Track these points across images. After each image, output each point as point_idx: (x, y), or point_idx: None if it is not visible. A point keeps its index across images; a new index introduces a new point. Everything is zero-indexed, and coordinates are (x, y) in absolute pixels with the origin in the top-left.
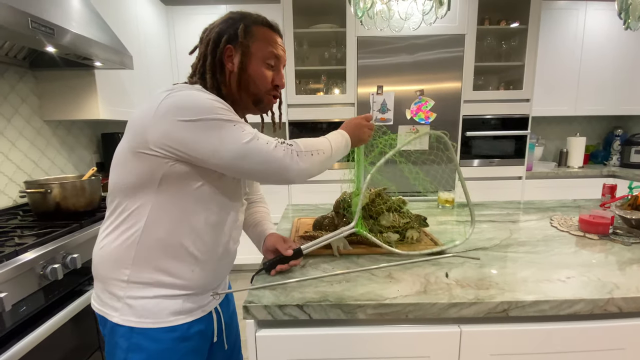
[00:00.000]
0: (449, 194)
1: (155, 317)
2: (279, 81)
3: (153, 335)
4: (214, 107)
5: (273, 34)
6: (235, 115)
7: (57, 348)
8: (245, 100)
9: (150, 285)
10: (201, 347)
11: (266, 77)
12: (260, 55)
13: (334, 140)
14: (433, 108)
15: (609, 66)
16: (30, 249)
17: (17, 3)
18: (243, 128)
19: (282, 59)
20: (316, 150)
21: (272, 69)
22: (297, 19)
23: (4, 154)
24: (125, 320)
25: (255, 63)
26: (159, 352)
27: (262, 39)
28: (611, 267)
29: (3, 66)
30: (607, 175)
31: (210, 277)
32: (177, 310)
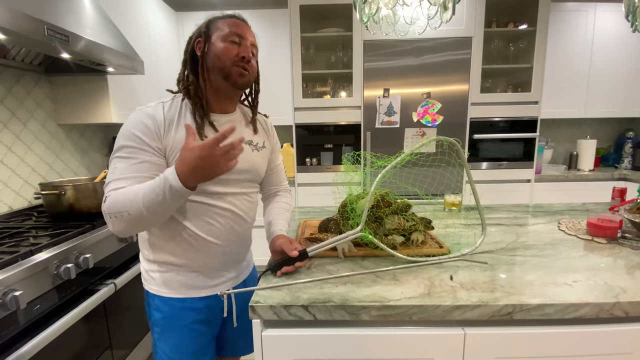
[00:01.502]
0: (455, 197)
1: (168, 288)
2: (244, 52)
3: (166, 301)
4: (122, 137)
5: (236, 21)
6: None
7: (69, 346)
8: (218, 80)
9: (163, 263)
10: (209, 319)
11: (229, 49)
12: (221, 35)
13: (148, 197)
14: (440, 111)
15: (619, 67)
16: (44, 249)
17: (33, 11)
18: (114, 167)
19: (247, 38)
20: (120, 213)
21: (235, 44)
22: (304, 24)
23: (20, 157)
24: (150, 288)
25: (218, 42)
26: (170, 315)
27: (223, 24)
28: (619, 271)
29: (19, 72)
30: (619, 178)
31: (211, 259)
32: (186, 285)
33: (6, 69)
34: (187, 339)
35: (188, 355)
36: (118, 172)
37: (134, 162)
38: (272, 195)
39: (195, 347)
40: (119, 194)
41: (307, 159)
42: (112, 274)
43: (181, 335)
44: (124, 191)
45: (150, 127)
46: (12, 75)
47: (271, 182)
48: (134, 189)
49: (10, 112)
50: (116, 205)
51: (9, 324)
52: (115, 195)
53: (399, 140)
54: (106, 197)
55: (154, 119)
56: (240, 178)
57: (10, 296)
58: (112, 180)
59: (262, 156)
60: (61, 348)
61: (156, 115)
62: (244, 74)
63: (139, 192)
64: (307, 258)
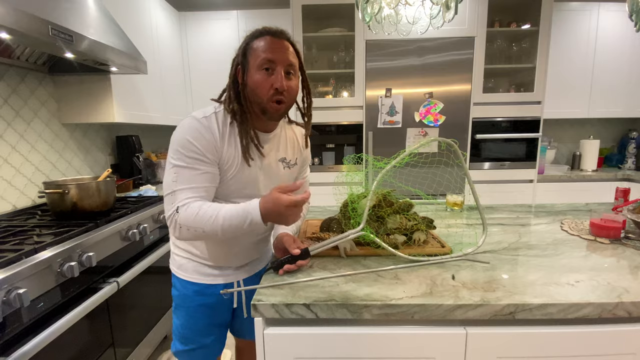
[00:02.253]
0: (457, 197)
1: (185, 271)
2: (278, 84)
3: (182, 282)
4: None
5: (270, 40)
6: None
7: (72, 343)
8: (257, 112)
9: (183, 250)
10: (218, 306)
11: (261, 82)
12: (255, 64)
13: (228, 223)
14: (442, 111)
15: (623, 67)
16: (48, 247)
17: (38, 11)
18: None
19: (279, 60)
20: (194, 228)
21: (268, 72)
22: (306, 24)
23: (24, 156)
24: (172, 267)
25: (252, 73)
26: (182, 294)
27: (257, 49)
28: (622, 271)
29: (23, 71)
30: (622, 178)
31: (223, 256)
32: (200, 272)
33: (10, 69)
34: (193, 318)
35: (192, 332)
36: (185, 181)
37: (198, 173)
38: None
39: (200, 327)
40: (197, 210)
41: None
42: (114, 272)
43: (188, 314)
44: (200, 208)
45: (208, 139)
46: (16, 74)
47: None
48: (212, 209)
49: (14, 111)
50: (194, 221)
51: (13, 322)
52: (191, 210)
53: (401, 140)
54: (178, 206)
55: (211, 132)
56: (264, 193)
57: (15, 294)
58: (179, 190)
59: (290, 173)
60: (64, 345)
61: (212, 127)
62: (279, 108)
63: (220, 215)
64: (309, 257)
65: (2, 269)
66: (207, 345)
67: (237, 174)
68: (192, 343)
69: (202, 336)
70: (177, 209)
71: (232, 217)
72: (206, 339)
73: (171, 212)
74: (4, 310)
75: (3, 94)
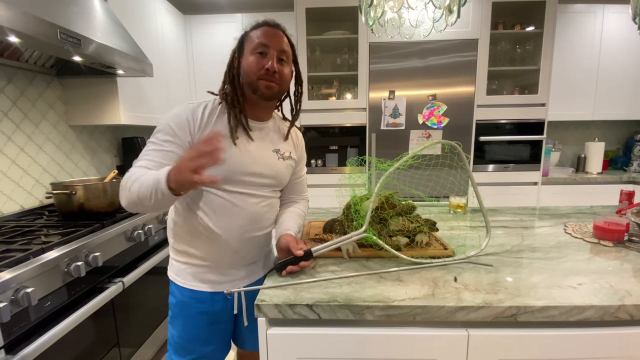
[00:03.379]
0: (460, 199)
1: (183, 278)
2: (269, 64)
3: (180, 289)
4: (160, 125)
5: (265, 28)
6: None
7: (78, 342)
8: (249, 93)
9: (181, 253)
10: (218, 313)
11: (253, 63)
12: (249, 48)
13: (142, 181)
14: (445, 113)
15: (628, 69)
16: (55, 247)
17: (46, 15)
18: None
19: (273, 45)
20: (127, 186)
21: (262, 55)
22: (310, 26)
23: (31, 157)
24: (170, 273)
25: (246, 57)
26: (181, 302)
27: (253, 36)
28: (625, 274)
29: (32, 74)
30: (627, 181)
31: (222, 256)
32: (199, 279)
33: (19, 71)
34: (191, 327)
35: (190, 342)
36: (147, 155)
37: (162, 150)
38: (289, 202)
39: (199, 336)
40: (134, 173)
41: (312, 161)
42: (120, 272)
43: (186, 323)
44: (139, 171)
45: (187, 121)
46: (24, 77)
47: (292, 191)
48: (144, 172)
49: (22, 113)
50: (125, 180)
51: (21, 320)
52: (131, 172)
53: (404, 142)
54: (130, 170)
55: (193, 115)
56: (262, 182)
57: (22, 293)
58: (140, 159)
59: (286, 165)
60: (70, 344)
61: (196, 112)
62: (270, 86)
63: (140, 181)
64: (312, 258)
65: (10, 268)
66: (207, 355)
67: (228, 159)
68: (191, 353)
69: (202, 345)
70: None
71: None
72: (206, 348)
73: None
74: (12, 309)
75: (12, 96)
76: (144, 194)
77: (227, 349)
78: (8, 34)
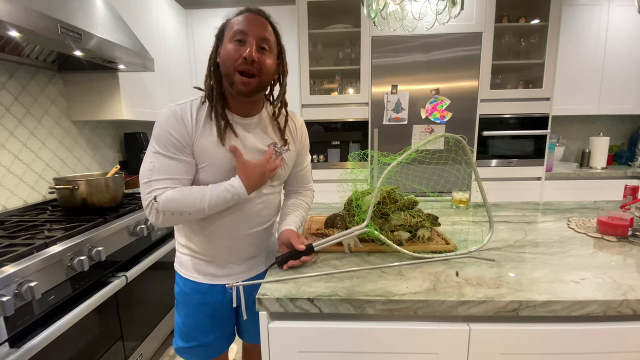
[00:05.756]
0: (463, 194)
1: (185, 269)
2: (247, 53)
3: (183, 279)
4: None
5: (247, 15)
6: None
7: (81, 336)
8: (228, 87)
9: (183, 246)
10: (218, 305)
11: (230, 51)
12: (228, 36)
13: (214, 200)
14: (449, 107)
15: (633, 63)
16: (58, 242)
17: (47, 10)
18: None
19: (252, 33)
20: (179, 211)
21: (240, 43)
22: (311, 20)
23: (34, 152)
24: (176, 265)
25: (225, 45)
26: (183, 292)
27: (233, 23)
28: (628, 269)
29: (34, 69)
30: (632, 176)
31: (218, 251)
32: (200, 271)
33: (21, 67)
34: (193, 316)
35: (193, 330)
36: (160, 170)
37: (173, 163)
38: (294, 193)
39: (200, 325)
40: (179, 194)
41: (314, 156)
42: (123, 266)
43: (188, 311)
44: (182, 193)
45: (183, 127)
46: (26, 72)
47: (296, 183)
48: (196, 192)
49: (25, 108)
50: (177, 205)
51: (25, 314)
52: (172, 195)
53: (407, 137)
54: (156, 195)
55: (183, 121)
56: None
57: (26, 287)
58: (155, 180)
59: (285, 158)
60: (74, 338)
61: (185, 116)
62: (247, 82)
63: (205, 195)
64: (314, 252)
65: (14, 262)
66: (209, 344)
67: (217, 161)
68: (193, 340)
69: (203, 334)
70: (154, 197)
71: (218, 194)
72: (207, 337)
73: (149, 202)
74: (15, 302)
75: (14, 91)
76: (215, 204)
77: (231, 339)
78: (9, 29)
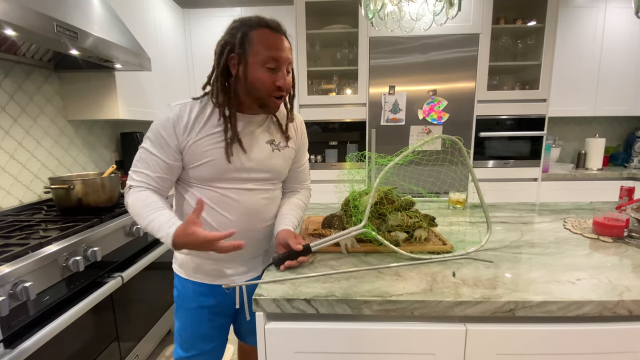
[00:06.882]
0: (460, 195)
1: (185, 269)
2: (281, 82)
3: (182, 281)
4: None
5: (273, 35)
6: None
7: (77, 337)
8: (252, 104)
9: None
10: (218, 308)
11: (266, 81)
12: (258, 60)
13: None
14: (446, 108)
15: (630, 65)
16: (54, 242)
17: (43, 8)
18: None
19: (283, 60)
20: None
21: (273, 71)
22: (309, 20)
23: (29, 152)
24: (174, 266)
25: (254, 68)
26: (183, 294)
27: (260, 42)
28: (624, 270)
29: (29, 68)
30: (628, 177)
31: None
32: (201, 271)
33: (16, 65)
34: (192, 321)
35: (193, 337)
36: (143, 163)
37: (155, 159)
38: (291, 191)
39: (200, 331)
40: (136, 202)
41: (312, 156)
42: (119, 267)
43: (188, 316)
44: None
45: (174, 127)
46: (22, 71)
47: (293, 180)
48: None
49: (20, 107)
50: (130, 210)
51: (19, 314)
52: (138, 198)
53: (404, 137)
54: (132, 185)
55: (179, 118)
56: (259, 177)
57: (21, 287)
58: (137, 171)
59: (283, 156)
60: (69, 339)
61: (181, 116)
62: (279, 104)
63: (147, 218)
64: (311, 253)
65: (8, 262)
66: (208, 352)
67: (220, 156)
68: (193, 349)
69: (203, 342)
70: (129, 186)
71: (154, 228)
72: (207, 345)
73: (127, 187)
74: (10, 303)
75: (9, 90)
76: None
77: (225, 344)
78: (4, 27)
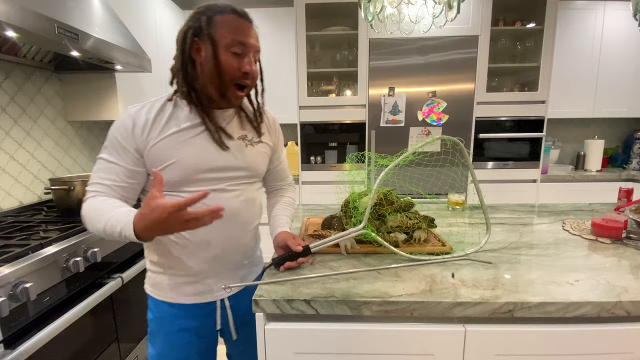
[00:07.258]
0: (459, 196)
1: (159, 290)
2: (248, 68)
3: (157, 303)
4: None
5: (239, 20)
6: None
7: (77, 338)
8: (214, 93)
9: (154, 263)
10: (201, 330)
11: (231, 66)
12: (224, 43)
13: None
14: (445, 110)
15: (629, 67)
16: (54, 243)
17: (44, 10)
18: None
19: (250, 45)
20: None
21: (239, 56)
22: (309, 22)
23: (30, 153)
24: (146, 286)
25: (220, 52)
26: (159, 318)
27: (225, 27)
28: (622, 271)
29: (30, 69)
30: (626, 179)
31: (198, 264)
32: (178, 291)
33: (17, 67)
34: (171, 347)
35: None
36: (100, 173)
37: (114, 167)
38: (276, 190)
39: (183, 357)
40: (91, 209)
41: (312, 157)
42: (119, 268)
43: (165, 341)
44: (94, 208)
45: (130, 130)
46: (22, 72)
47: (275, 177)
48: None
49: (20, 108)
50: (86, 218)
51: (19, 315)
52: (88, 207)
53: (403, 139)
54: (86, 198)
55: (135, 122)
56: (234, 175)
57: (21, 288)
58: (94, 182)
59: (258, 152)
60: (69, 340)
61: (137, 117)
62: (241, 95)
63: (104, 216)
64: (310, 254)
65: (9, 263)
66: None
67: (187, 156)
68: None
69: None
70: (85, 199)
71: (112, 226)
72: None
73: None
74: (10, 304)
75: (10, 91)
76: (109, 234)
77: None
78: (5, 29)
